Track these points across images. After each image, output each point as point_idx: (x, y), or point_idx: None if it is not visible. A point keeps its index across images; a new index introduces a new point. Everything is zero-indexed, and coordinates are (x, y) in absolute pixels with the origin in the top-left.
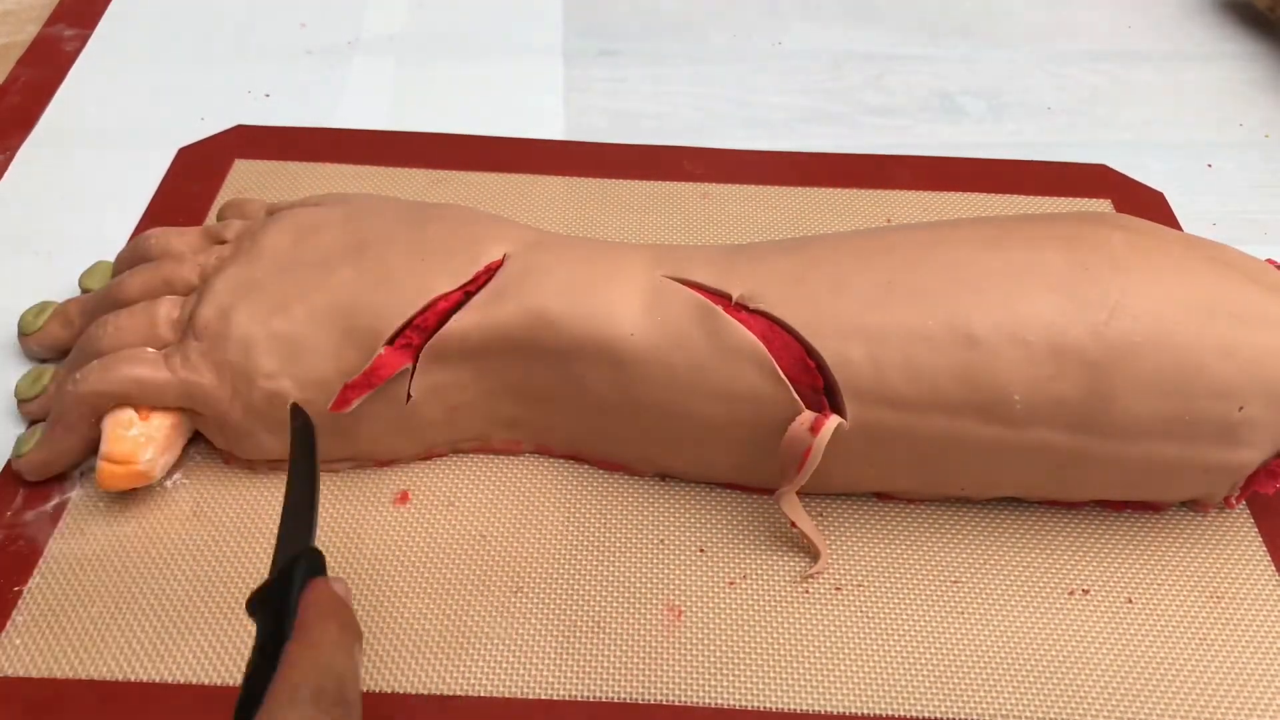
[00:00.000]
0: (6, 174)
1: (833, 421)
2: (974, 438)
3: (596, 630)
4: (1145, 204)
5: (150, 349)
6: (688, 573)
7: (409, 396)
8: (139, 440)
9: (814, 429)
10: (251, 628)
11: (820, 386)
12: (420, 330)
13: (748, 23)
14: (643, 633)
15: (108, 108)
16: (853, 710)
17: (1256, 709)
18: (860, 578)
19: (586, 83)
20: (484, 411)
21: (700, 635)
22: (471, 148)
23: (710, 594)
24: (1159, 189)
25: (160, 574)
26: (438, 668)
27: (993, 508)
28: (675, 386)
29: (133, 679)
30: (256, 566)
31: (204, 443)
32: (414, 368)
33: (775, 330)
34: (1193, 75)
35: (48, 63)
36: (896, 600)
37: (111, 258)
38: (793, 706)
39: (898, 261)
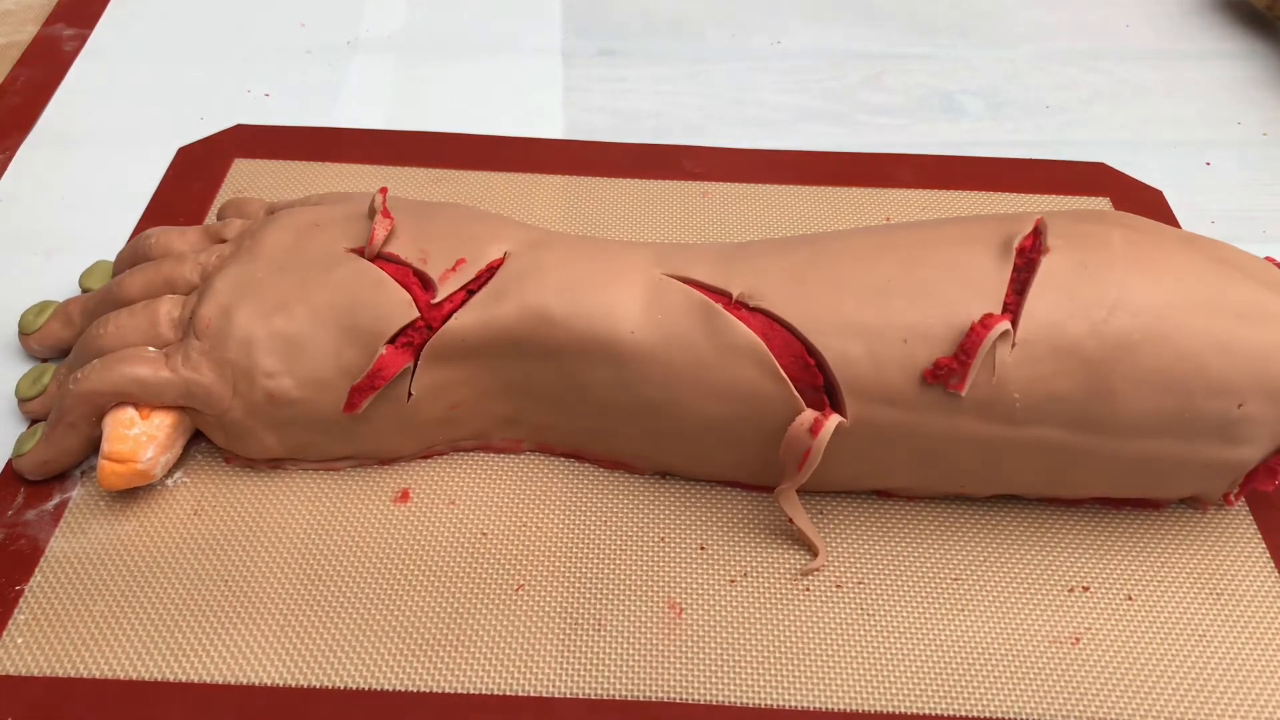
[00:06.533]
0: (6, 174)
1: (833, 421)
2: (973, 436)
3: (597, 628)
4: (1144, 202)
5: (151, 348)
6: (688, 570)
7: (409, 395)
8: (140, 439)
9: (814, 430)
10: (254, 627)
11: (820, 385)
12: (421, 329)
13: (747, 22)
14: (643, 630)
15: (107, 108)
16: (853, 707)
17: (1256, 704)
18: (860, 575)
19: (585, 82)
20: (484, 410)
21: (701, 632)
22: (471, 147)
23: (711, 591)
24: (1157, 187)
25: (161, 573)
26: (438, 666)
27: (993, 505)
28: (675, 385)
29: (134, 678)
30: (258, 565)
31: (205, 441)
32: (415, 366)
33: (775, 328)
34: (1191, 74)
35: (47, 62)
36: (897, 597)
37: (111, 257)
38: (793, 703)
39: (897, 259)
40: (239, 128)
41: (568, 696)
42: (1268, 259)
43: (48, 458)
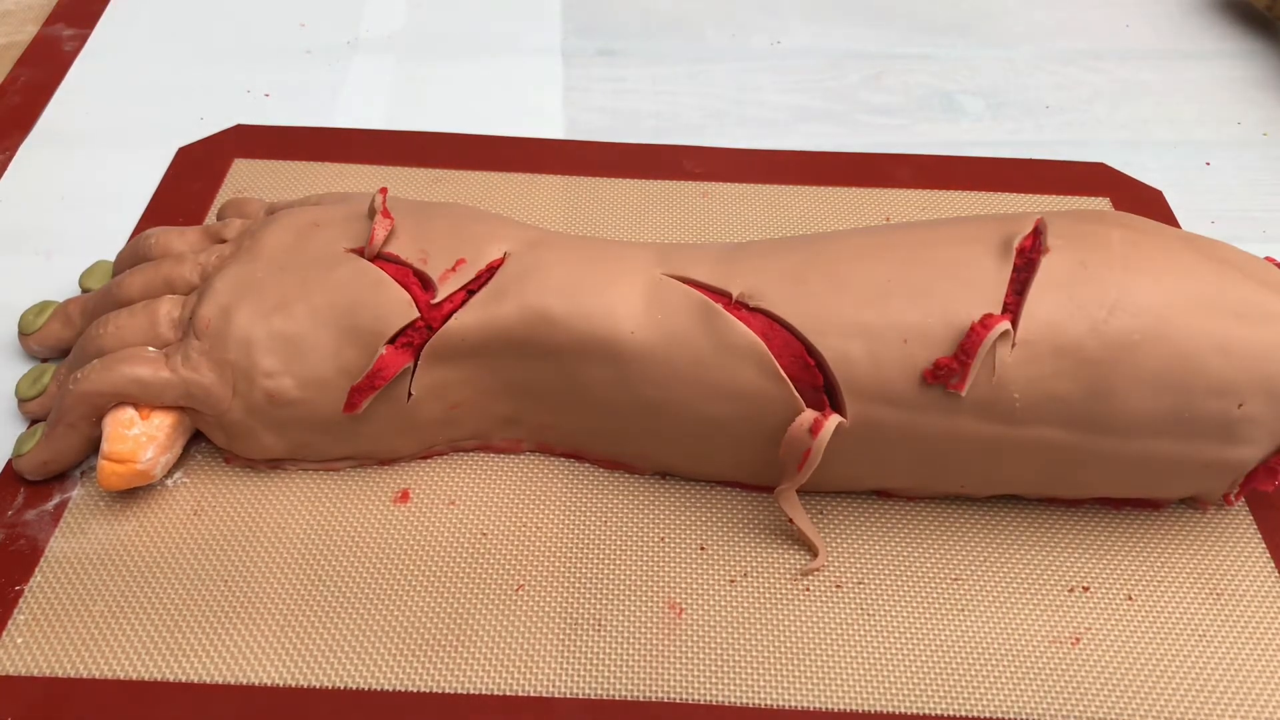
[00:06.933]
0: (6, 174)
1: (833, 421)
2: (973, 436)
3: (597, 628)
4: (1144, 202)
5: (151, 348)
6: (688, 570)
7: (409, 395)
8: (140, 439)
9: (814, 430)
10: (254, 627)
11: (820, 385)
12: (421, 329)
13: (747, 22)
14: (643, 630)
15: (107, 108)
16: (852, 707)
17: (1256, 704)
18: (860, 575)
19: (585, 82)
20: (484, 410)
21: (701, 633)
22: (471, 147)
23: (711, 591)
24: (1157, 187)
25: (161, 573)
26: (438, 666)
27: (993, 505)
28: (675, 385)
29: (134, 678)
30: (258, 565)
31: (205, 442)
32: (415, 366)
33: (775, 328)
34: (1191, 74)
35: (47, 63)
36: (897, 597)
37: (111, 257)
38: (793, 704)
39: (897, 259)
40: (239, 128)
41: (568, 696)
42: (1268, 259)
43: (48, 458)
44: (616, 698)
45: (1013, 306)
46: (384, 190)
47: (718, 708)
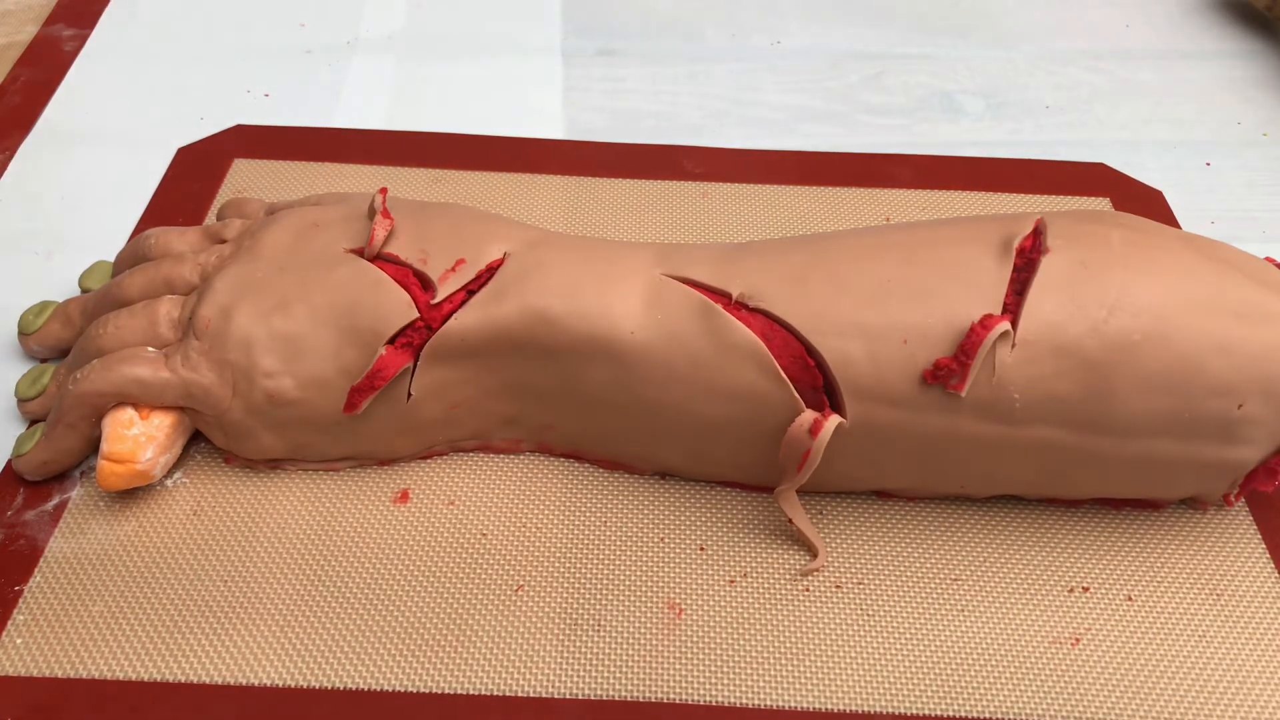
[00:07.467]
0: (6, 173)
1: (832, 421)
2: (973, 436)
3: (597, 628)
4: (1143, 202)
5: (151, 348)
6: (688, 571)
7: (409, 395)
8: (139, 440)
9: (814, 430)
10: (254, 627)
11: (820, 385)
12: (421, 329)
13: (747, 22)
14: (643, 631)
15: (107, 108)
16: (852, 708)
17: (1256, 705)
18: (860, 575)
19: (585, 82)
20: (484, 410)
21: (700, 633)
22: (470, 147)
23: (710, 592)
24: (1157, 187)
25: (160, 574)
26: (438, 666)
27: (993, 505)
28: (675, 385)
29: (133, 679)
30: (257, 566)
31: (204, 442)
32: (414, 367)
33: (775, 329)
34: (1191, 74)
35: (47, 63)
36: (896, 598)
37: (111, 258)
38: (792, 704)
39: (897, 259)
40: (239, 128)
41: (568, 697)
42: (1268, 259)
43: (47, 458)
44: (616, 698)
45: (1013, 307)
46: (384, 190)
47: (718, 708)
